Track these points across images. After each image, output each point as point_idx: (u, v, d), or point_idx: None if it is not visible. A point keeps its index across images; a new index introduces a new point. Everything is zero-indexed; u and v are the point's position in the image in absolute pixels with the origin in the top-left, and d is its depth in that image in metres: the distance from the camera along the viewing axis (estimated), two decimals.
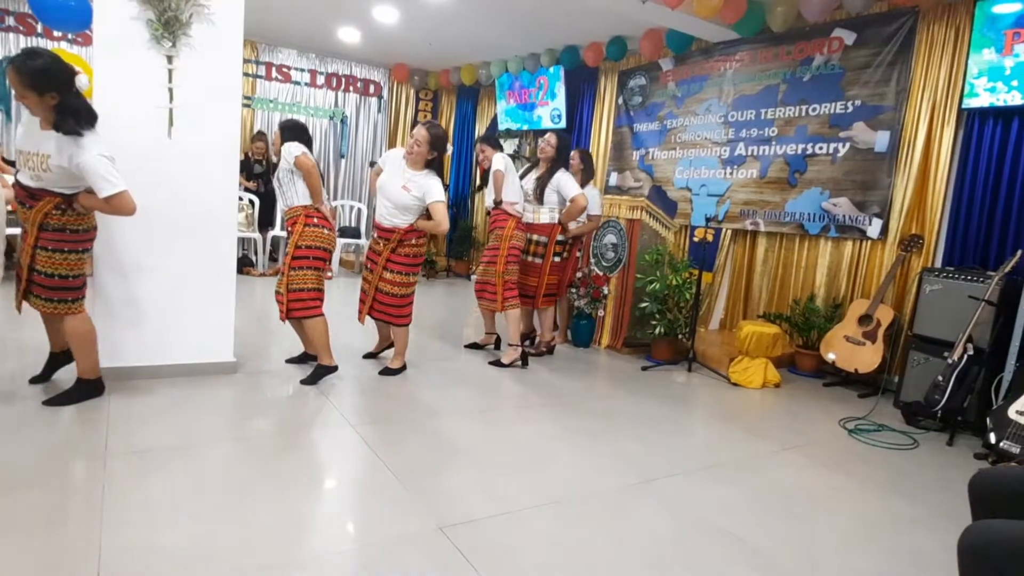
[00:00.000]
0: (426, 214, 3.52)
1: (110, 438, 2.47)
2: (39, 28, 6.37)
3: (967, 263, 3.86)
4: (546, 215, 4.24)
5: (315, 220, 3.32)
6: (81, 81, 2.54)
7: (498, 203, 4.09)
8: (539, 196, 4.22)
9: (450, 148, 3.81)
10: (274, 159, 3.40)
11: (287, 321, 3.44)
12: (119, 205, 2.56)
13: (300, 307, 3.31)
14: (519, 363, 4.07)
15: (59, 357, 3.00)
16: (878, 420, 3.56)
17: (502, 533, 2.04)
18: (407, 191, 3.43)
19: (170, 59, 3.05)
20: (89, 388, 2.82)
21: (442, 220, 3.44)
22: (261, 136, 7.28)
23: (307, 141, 3.41)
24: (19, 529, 1.82)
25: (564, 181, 4.19)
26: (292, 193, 3.32)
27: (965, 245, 3.91)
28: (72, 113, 2.46)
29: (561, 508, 2.25)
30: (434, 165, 3.51)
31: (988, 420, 3.01)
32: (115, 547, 1.77)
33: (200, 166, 3.17)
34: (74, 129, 2.46)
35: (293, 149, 3.26)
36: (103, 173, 2.49)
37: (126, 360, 3.11)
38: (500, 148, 4.40)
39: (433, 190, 3.44)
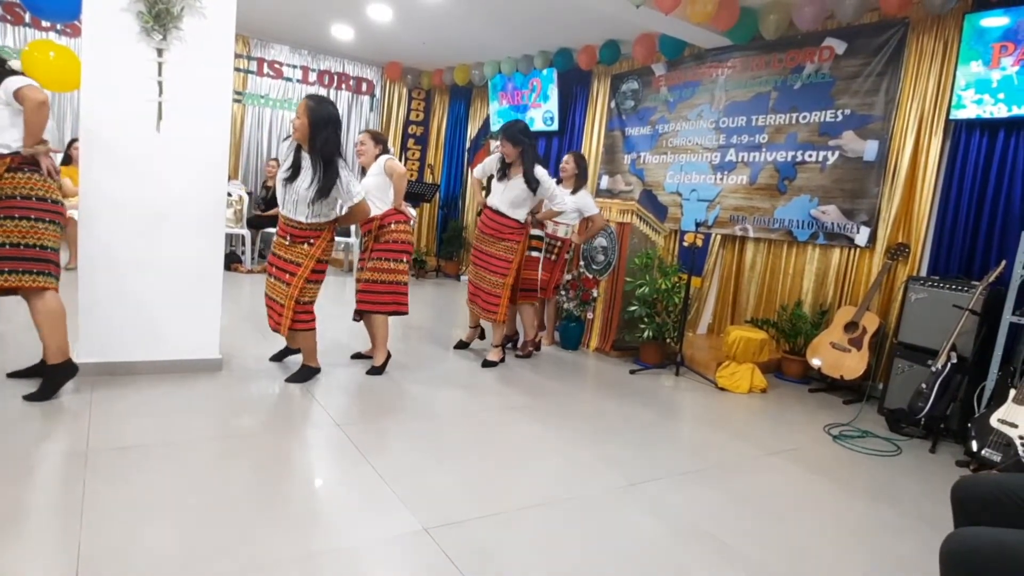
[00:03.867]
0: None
1: (92, 434, 2.43)
2: (27, 18, 6.29)
3: (952, 272, 3.90)
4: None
5: (333, 236, 3.31)
6: None
7: (533, 214, 4.07)
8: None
9: (391, 149, 3.84)
10: (292, 132, 3.10)
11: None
12: (28, 98, 2.51)
13: (306, 319, 3.26)
14: (504, 358, 4.18)
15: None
16: (862, 426, 3.59)
17: (487, 535, 2.03)
18: (371, 175, 3.59)
19: (160, 52, 3.02)
20: (61, 372, 2.76)
21: (397, 167, 3.59)
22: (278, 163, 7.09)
23: (340, 140, 3.17)
24: None
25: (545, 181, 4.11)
26: (325, 212, 3.17)
27: (950, 254, 3.96)
28: None
29: (547, 510, 2.25)
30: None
31: (970, 428, 3.05)
32: (94, 546, 1.74)
33: (189, 161, 3.14)
34: None
35: (354, 191, 3.12)
36: (11, 77, 2.54)
37: (110, 355, 3.07)
38: (532, 143, 3.94)
39: (383, 158, 3.61)
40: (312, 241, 3.18)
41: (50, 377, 2.75)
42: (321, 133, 3.01)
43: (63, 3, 4.11)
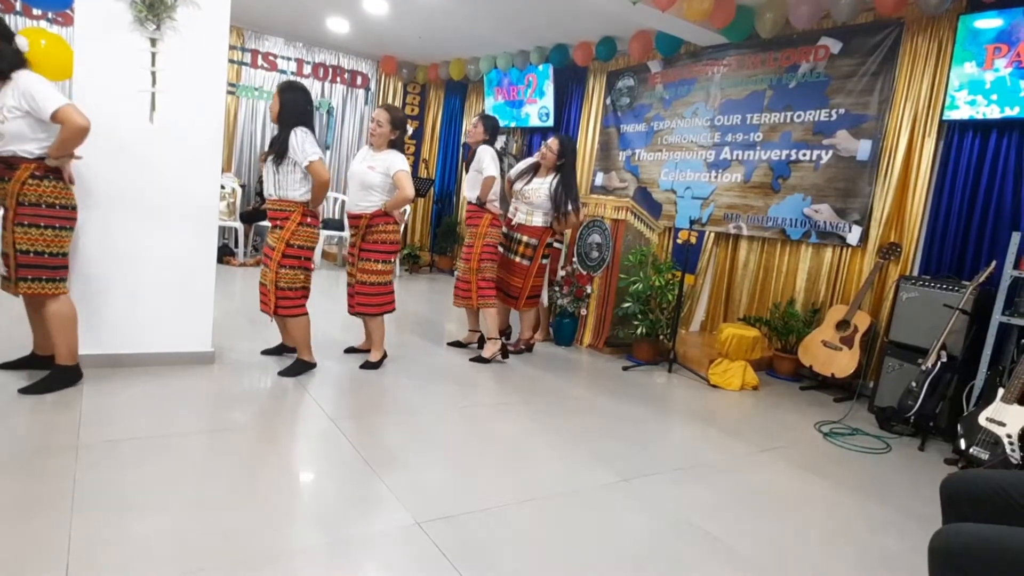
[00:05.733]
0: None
1: (83, 427, 2.42)
2: (18, 6, 6.22)
3: (943, 272, 3.93)
4: (539, 218, 4.23)
5: (309, 220, 3.29)
6: (21, 41, 2.55)
7: (482, 203, 4.10)
8: (557, 206, 4.15)
9: (409, 128, 3.83)
10: (271, 123, 3.24)
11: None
12: (66, 118, 2.50)
13: (288, 305, 3.28)
14: (500, 356, 4.11)
15: (39, 359, 2.91)
16: (853, 424, 3.62)
17: (480, 529, 2.04)
18: (372, 169, 3.52)
19: (154, 42, 2.99)
20: (67, 375, 2.76)
21: (406, 187, 3.51)
22: None
23: (311, 117, 3.27)
24: None
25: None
26: (290, 185, 3.21)
27: (942, 254, 3.98)
28: (7, 60, 2.50)
29: (540, 505, 2.26)
30: (396, 145, 3.62)
31: (959, 426, 3.08)
32: (85, 538, 1.73)
33: (182, 152, 3.12)
34: (8, 69, 2.50)
35: (308, 150, 3.15)
36: (45, 92, 2.50)
37: (102, 347, 3.05)
38: (495, 136, 4.25)
39: (395, 162, 3.53)
40: (282, 224, 3.23)
41: (55, 376, 2.75)
42: (286, 108, 3.18)
43: None
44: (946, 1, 3.81)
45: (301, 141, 3.15)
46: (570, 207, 4.17)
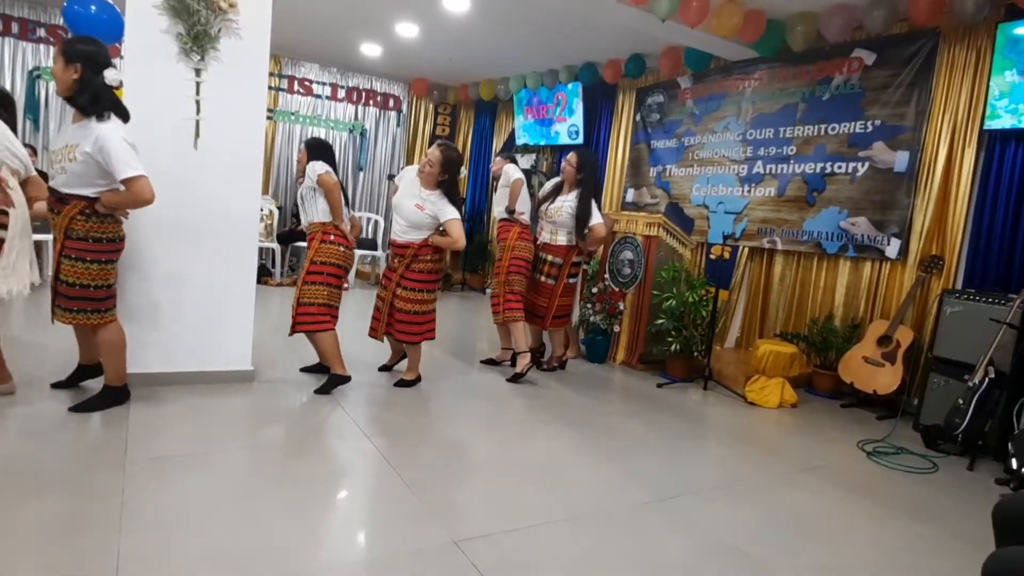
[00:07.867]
0: (442, 230, 3.52)
1: (130, 444, 2.50)
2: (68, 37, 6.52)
3: (988, 285, 3.81)
4: (563, 237, 4.23)
5: (331, 237, 3.39)
6: (110, 74, 2.60)
7: (511, 212, 4.17)
8: (580, 222, 4.12)
9: (464, 172, 3.80)
10: (299, 177, 3.48)
11: (295, 334, 3.45)
12: (137, 191, 2.56)
13: (308, 321, 3.36)
14: (531, 367, 4.09)
15: (87, 369, 3.05)
16: (897, 443, 3.51)
17: (517, 548, 2.04)
18: (420, 209, 3.46)
19: (198, 72, 3.12)
20: (115, 395, 2.86)
21: (459, 237, 3.46)
22: None
23: (331, 159, 3.47)
24: (39, 533, 1.85)
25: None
26: (313, 209, 3.41)
27: (986, 267, 3.87)
28: (91, 93, 2.55)
29: (575, 525, 2.24)
30: (445, 186, 3.51)
31: (1009, 445, 2.96)
32: (133, 552, 1.79)
33: (224, 177, 3.23)
34: (92, 107, 2.55)
35: (317, 167, 3.35)
36: (123, 156, 2.53)
37: (146, 367, 3.15)
38: (515, 163, 4.59)
39: (446, 209, 3.47)
40: (310, 244, 3.44)
41: (104, 396, 2.85)
42: (310, 159, 3.44)
43: (106, 26, 4.26)
44: (983, 10, 3.74)
45: (311, 167, 3.37)
46: (586, 227, 4.10)
